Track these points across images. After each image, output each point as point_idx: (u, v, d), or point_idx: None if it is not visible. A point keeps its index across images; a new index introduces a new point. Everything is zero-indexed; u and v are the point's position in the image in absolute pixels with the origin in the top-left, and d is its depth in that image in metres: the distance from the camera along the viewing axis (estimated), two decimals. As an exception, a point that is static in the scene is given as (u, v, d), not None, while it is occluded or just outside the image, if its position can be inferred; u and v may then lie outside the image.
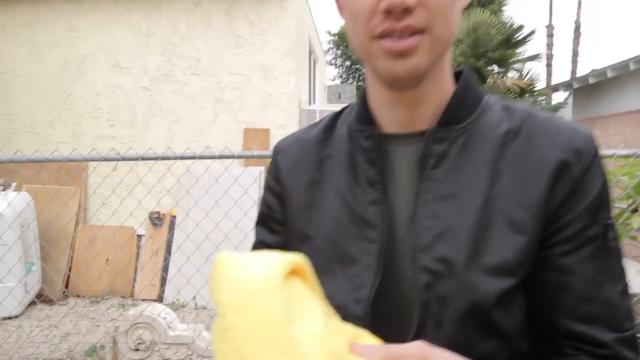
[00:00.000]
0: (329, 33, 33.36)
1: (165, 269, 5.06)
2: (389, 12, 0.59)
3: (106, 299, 5.00)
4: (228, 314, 0.47)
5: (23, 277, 4.46)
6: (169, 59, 5.43)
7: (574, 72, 21.49)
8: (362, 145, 0.70)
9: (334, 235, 0.69)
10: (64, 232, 5.03)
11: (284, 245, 0.75)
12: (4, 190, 4.92)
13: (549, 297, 0.64)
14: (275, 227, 0.78)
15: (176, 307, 4.59)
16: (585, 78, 10.69)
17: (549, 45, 22.39)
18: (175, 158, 2.79)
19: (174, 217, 5.21)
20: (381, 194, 0.67)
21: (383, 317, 0.64)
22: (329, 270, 0.67)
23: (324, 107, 6.22)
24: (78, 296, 5.06)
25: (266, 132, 5.33)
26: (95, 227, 5.21)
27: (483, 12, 11.37)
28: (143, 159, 2.84)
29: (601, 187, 0.64)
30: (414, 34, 0.60)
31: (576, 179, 0.63)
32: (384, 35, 0.60)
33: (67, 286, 5.08)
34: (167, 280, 4.91)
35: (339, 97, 18.23)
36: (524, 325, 0.65)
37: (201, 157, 2.76)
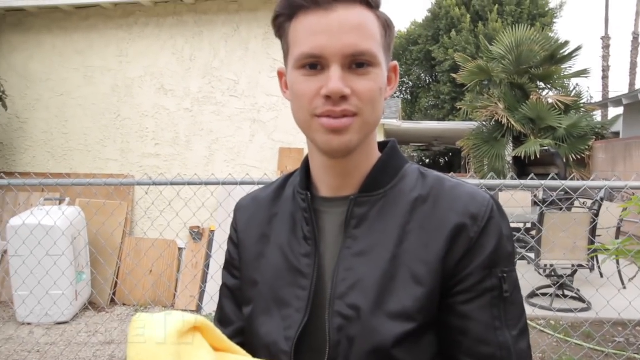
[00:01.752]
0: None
1: (203, 281, 5.32)
2: (328, 98, 0.72)
3: (150, 308, 5.29)
4: None
5: (74, 284, 4.81)
6: (209, 81, 5.74)
7: (632, 84, 20.69)
8: (300, 206, 0.83)
9: (274, 282, 0.82)
10: (111, 243, 5.37)
11: (240, 288, 0.89)
12: (60, 204, 5.33)
13: (452, 338, 0.74)
14: (235, 273, 0.91)
15: (213, 319, 4.81)
16: (635, 94, 10.36)
17: (605, 57, 21.67)
18: (217, 183, 2.97)
19: (213, 231, 5.47)
20: (313, 248, 0.79)
21: (305, 353, 0.76)
22: (268, 311, 0.81)
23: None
24: (124, 304, 5.37)
25: (300, 151, 5.54)
26: (140, 239, 5.54)
27: (528, 28, 11.21)
28: (189, 184, 3.00)
29: (495, 245, 0.74)
30: (348, 116, 0.73)
31: (472, 239, 0.73)
32: (323, 115, 0.73)
33: (114, 294, 5.42)
34: (205, 292, 5.16)
35: (383, 113, 18.28)
36: None
37: (242, 183, 2.89)
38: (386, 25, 0.77)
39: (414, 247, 0.75)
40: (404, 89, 31.62)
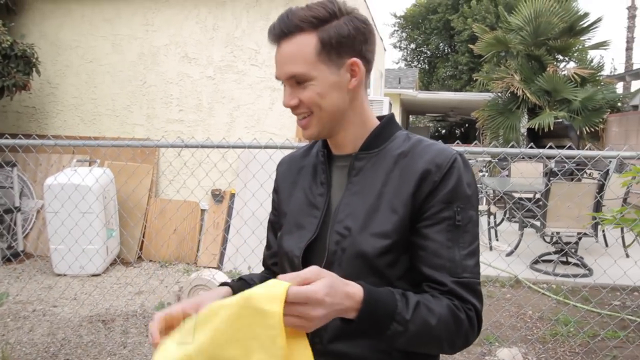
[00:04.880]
0: (394, 15, 33.00)
1: (224, 240, 5.66)
2: None
3: (173, 264, 5.65)
4: None
5: (105, 241, 5.18)
6: (231, 51, 5.96)
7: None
8: (320, 160, 1.15)
9: (297, 212, 1.14)
10: (139, 204, 5.72)
11: (278, 221, 1.22)
12: (90, 165, 5.66)
13: (416, 253, 1.01)
14: (274, 211, 1.26)
15: (232, 275, 5.14)
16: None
17: (630, 28, 21.23)
18: (243, 147, 3.21)
19: (233, 195, 5.78)
20: (326, 189, 1.11)
21: (311, 258, 1.06)
22: (291, 232, 1.13)
23: (373, 97, 6.54)
24: (150, 260, 5.74)
25: (317, 119, 5.75)
26: (165, 200, 5.88)
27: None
28: (218, 147, 3.22)
29: (453, 186, 0.99)
30: (306, 117, 1.05)
31: (435, 182, 1.00)
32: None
33: (141, 250, 5.79)
34: (226, 252, 5.51)
35: (399, 82, 18.24)
36: (405, 274, 1.02)
37: (266, 147, 3.15)
38: (329, 39, 1.00)
39: (394, 187, 1.03)
40: (421, 58, 31.31)
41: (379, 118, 1.14)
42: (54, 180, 4.99)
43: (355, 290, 0.89)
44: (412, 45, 31.27)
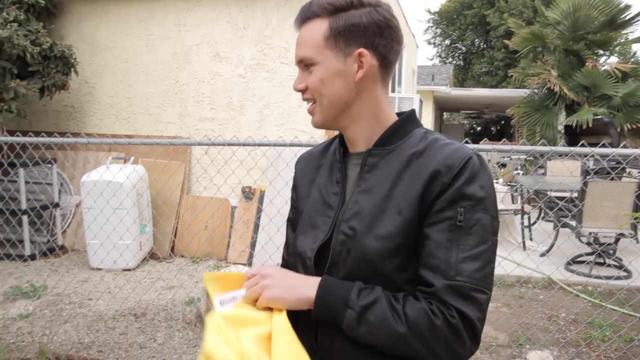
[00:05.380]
0: (429, 11, 32.59)
1: (255, 237, 5.71)
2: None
3: (204, 260, 5.74)
4: None
5: (137, 236, 5.31)
6: (261, 49, 6.00)
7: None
8: (336, 158, 1.13)
9: (312, 212, 1.13)
10: (170, 200, 5.84)
11: (296, 219, 1.21)
12: (124, 163, 5.81)
13: (419, 255, 0.97)
14: (293, 209, 1.25)
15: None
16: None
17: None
18: (269, 145, 3.29)
19: (263, 191, 5.83)
20: (341, 188, 1.09)
21: (320, 257, 1.05)
22: (305, 232, 1.12)
23: (404, 95, 6.48)
24: (182, 256, 5.85)
25: (347, 117, 5.74)
26: (196, 197, 5.98)
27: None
28: (244, 144, 3.34)
29: (460, 186, 0.94)
30: (312, 103, 1.06)
31: (445, 184, 0.95)
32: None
33: (172, 246, 5.92)
34: (255, 248, 5.56)
35: (433, 79, 18.00)
36: (412, 276, 0.97)
37: (291, 145, 3.24)
38: (338, 25, 1.00)
39: (403, 188, 0.99)
40: (456, 54, 30.82)
41: (399, 115, 1.11)
42: (88, 177, 5.14)
43: (315, 280, 0.98)
44: (447, 42, 30.81)
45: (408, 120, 1.09)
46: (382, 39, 1.02)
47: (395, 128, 1.07)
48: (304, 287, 0.98)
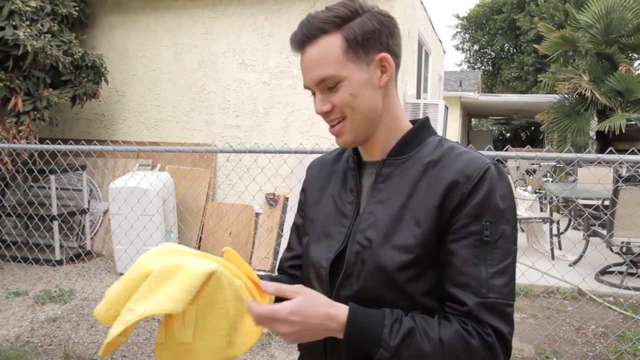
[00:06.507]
0: (457, 16, 32.29)
1: (278, 244, 5.73)
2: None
3: (228, 266, 5.79)
4: None
5: (162, 242, 5.37)
6: (286, 57, 6.04)
7: None
8: (350, 166, 1.12)
9: (325, 220, 1.10)
10: (195, 206, 5.92)
11: (303, 224, 1.19)
12: (151, 170, 5.92)
13: (441, 270, 0.95)
14: (301, 213, 1.23)
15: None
16: None
17: None
18: (289, 152, 3.38)
19: (287, 198, 5.85)
20: (356, 197, 1.07)
21: (335, 267, 1.03)
22: (319, 241, 1.10)
23: (429, 101, 6.43)
24: (206, 262, 5.91)
25: (371, 123, 5.73)
26: (221, 203, 6.03)
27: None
28: (265, 152, 3.44)
29: (482, 199, 0.92)
30: (339, 122, 1.01)
31: (464, 194, 0.93)
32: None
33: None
34: (278, 256, 5.58)
35: (460, 85, 17.80)
36: (433, 290, 0.96)
37: (312, 152, 3.27)
38: (354, 36, 0.97)
39: (420, 198, 0.97)
40: (485, 59, 30.44)
41: (412, 122, 1.10)
42: (114, 184, 5.25)
43: (338, 312, 0.90)
44: (476, 47, 30.46)
45: (422, 128, 1.08)
46: (393, 39, 1.02)
47: (409, 136, 1.06)
48: (329, 330, 0.91)
